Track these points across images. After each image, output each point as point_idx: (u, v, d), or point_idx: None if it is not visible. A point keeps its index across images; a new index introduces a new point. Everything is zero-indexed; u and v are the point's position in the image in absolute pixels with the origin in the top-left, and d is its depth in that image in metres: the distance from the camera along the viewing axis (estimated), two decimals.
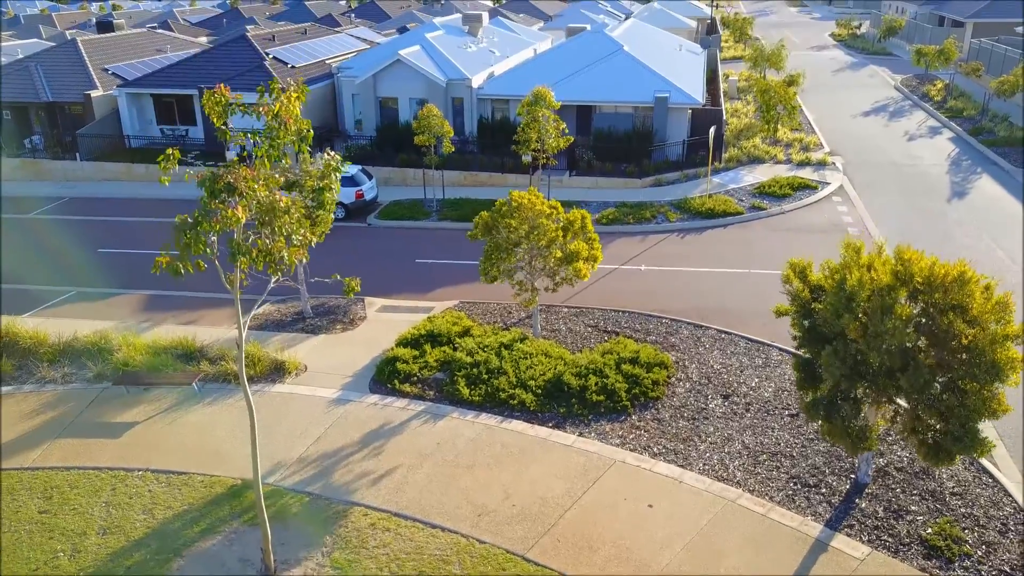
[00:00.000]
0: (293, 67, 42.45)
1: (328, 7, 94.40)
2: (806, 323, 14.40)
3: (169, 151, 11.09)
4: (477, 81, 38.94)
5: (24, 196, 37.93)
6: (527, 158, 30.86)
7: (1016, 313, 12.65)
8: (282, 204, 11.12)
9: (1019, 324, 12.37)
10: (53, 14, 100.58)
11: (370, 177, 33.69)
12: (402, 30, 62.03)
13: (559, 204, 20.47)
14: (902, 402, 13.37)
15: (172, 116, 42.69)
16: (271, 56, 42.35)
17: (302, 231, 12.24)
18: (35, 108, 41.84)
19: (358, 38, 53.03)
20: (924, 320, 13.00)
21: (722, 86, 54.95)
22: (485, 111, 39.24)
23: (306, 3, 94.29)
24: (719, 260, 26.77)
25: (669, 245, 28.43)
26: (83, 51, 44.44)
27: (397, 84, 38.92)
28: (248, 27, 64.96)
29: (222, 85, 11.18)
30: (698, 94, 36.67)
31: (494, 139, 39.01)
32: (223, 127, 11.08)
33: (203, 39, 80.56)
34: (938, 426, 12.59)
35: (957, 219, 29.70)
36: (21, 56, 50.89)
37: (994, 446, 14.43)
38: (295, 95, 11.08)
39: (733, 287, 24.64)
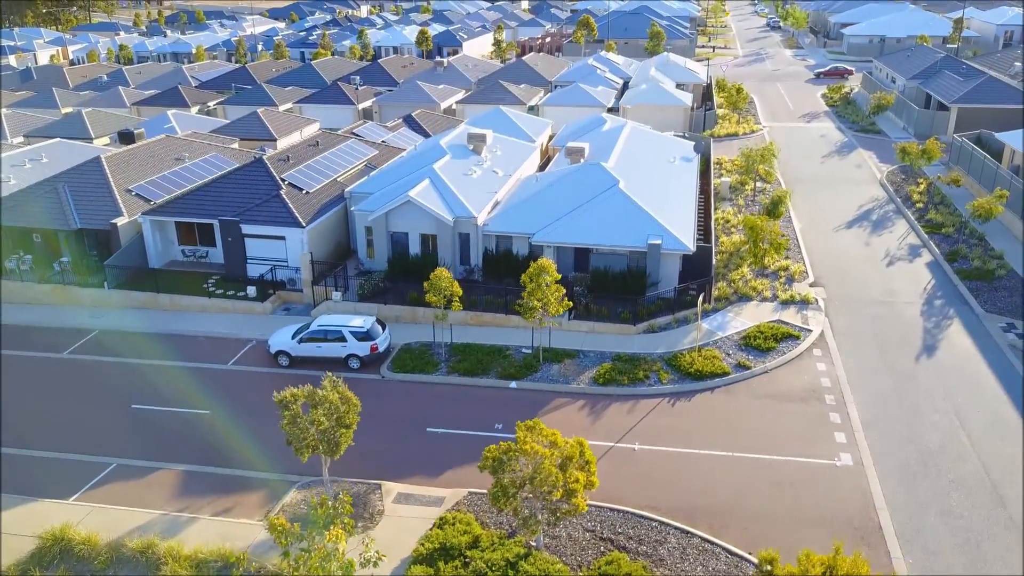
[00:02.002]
0: (307, 192, 44.89)
1: (335, 68, 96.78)
2: None
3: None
4: (482, 217, 41.41)
5: (56, 327, 40.40)
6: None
7: None
8: None
9: None
10: (64, 70, 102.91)
11: (384, 327, 36.16)
12: (408, 120, 64.46)
13: (559, 436, 22.93)
14: None
15: (193, 238, 45.15)
16: (287, 182, 44.76)
17: None
18: (64, 233, 44.23)
19: (367, 142, 55.44)
20: None
21: (714, 182, 57.46)
22: (490, 244, 41.72)
23: (313, 63, 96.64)
24: (706, 439, 29.21)
25: (660, 416, 30.87)
26: (107, 170, 46.83)
27: (408, 221, 41.39)
28: (259, 110, 67.52)
29: (283, 519, 13.58)
30: (689, 239, 39.11)
31: (498, 270, 41.60)
32: (286, 552, 13.45)
33: (213, 104, 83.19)
34: None
35: (926, 387, 32.14)
36: (46, 161, 53.26)
37: None
38: (343, 535, 13.48)
39: (718, 477, 27.08)
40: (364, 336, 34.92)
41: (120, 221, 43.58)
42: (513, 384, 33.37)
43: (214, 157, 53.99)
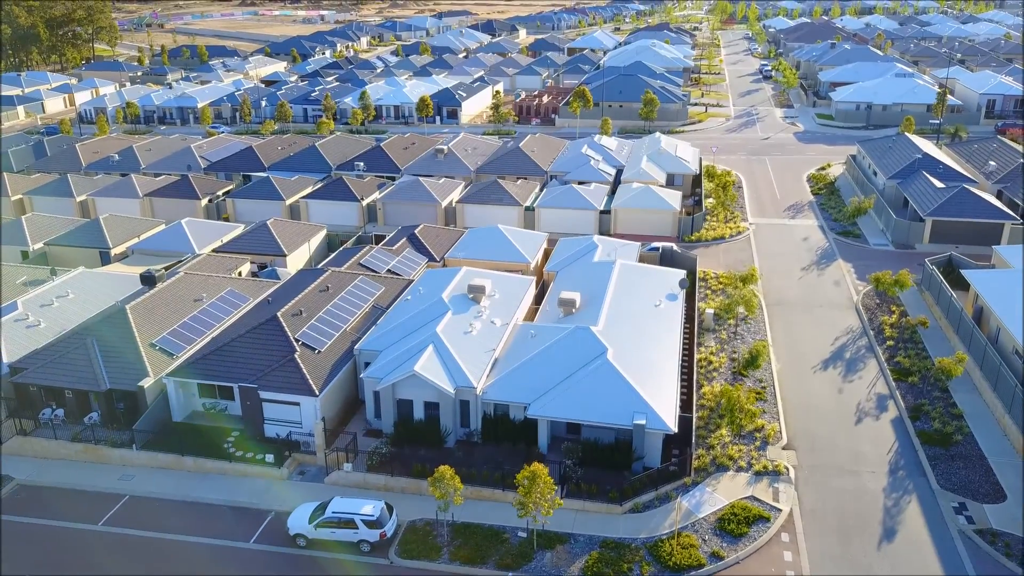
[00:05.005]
0: (319, 352, 48.47)
1: (339, 151, 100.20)
2: None
3: None
4: (481, 386, 44.99)
5: (89, 491, 43.95)
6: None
7: None
8: None
9: None
10: (76, 145, 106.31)
11: (392, 510, 39.78)
12: (411, 238, 67.95)
13: None
14: None
15: (214, 393, 48.65)
16: (300, 342, 48.27)
17: None
18: (95, 393, 47.77)
19: (374, 275, 59.00)
20: None
21: (698, 306, 61.17)
22: (488, 409, 45.33)
23: (316, 144, 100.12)
24: None
25: None
26: (132, 323, 50.46)
27: (413, 391, 45.01)
28: (268, 221, 70.83)
29: None
30: (671, 415, 42.68)
31: (496, 433, 45.27)
32: None
33: (221, 194, 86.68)
34: None
35: None
36: (72, 297, 56.81)
37: None
38: None
39: None
40: (374, 523, 38.51)
41: (146, 383, 47.16)
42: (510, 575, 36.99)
43: (229, 294, 57.60)
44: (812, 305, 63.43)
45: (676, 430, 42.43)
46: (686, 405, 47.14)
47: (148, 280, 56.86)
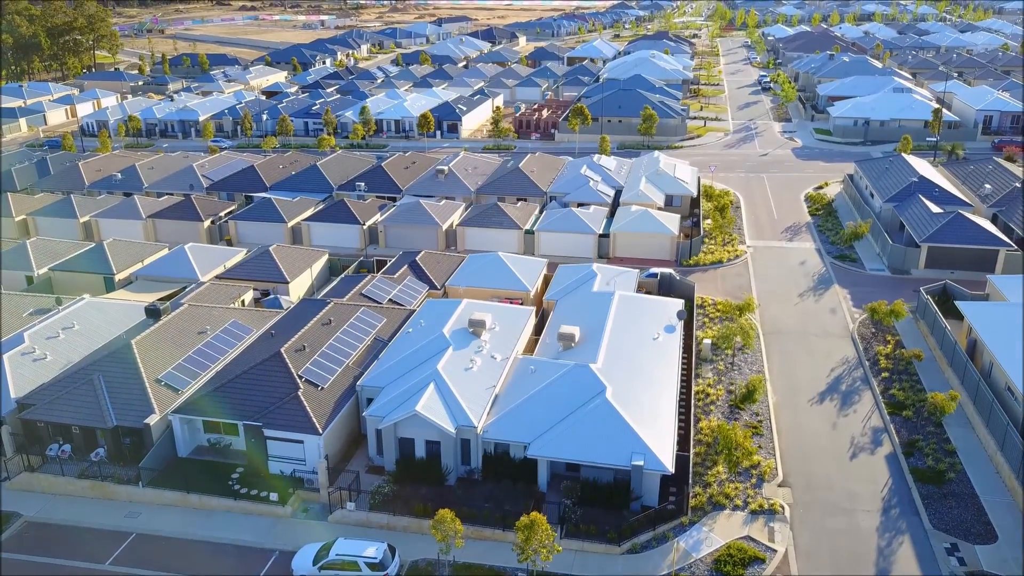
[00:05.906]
0: (322, 388, 49.21)
1: (340, 171, 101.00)
2: None
3: None
4: (481, 425, 45.71)
5: (96, 528, 44.65)
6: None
7: None
8: None
9: None
10: (79, 163, 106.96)
11: (394, 552, 40.54)
12: (412, 265, 68.69)
13: None
14: None
15: (218, 428, 49.38)
16: (304, 379, 49.02)
17: None
18: (101, 429, 48.49)
19: (376, 305, 59.77)
20: None
21: (696, 335, 61.99)
22: (489, 448, 46.05)
23: (318, 164, 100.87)
24: None
25: None
26: (138, 359, 51.17)
27: (414, 429, 45.73)
28: (271, 247, 71.56)
29: None
30: (668, 455, 43.40)
31: (497, 471, 45.97)
32: None
33: (224, 215, 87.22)
34: None
35: None
36: (77, 328, 57.56)
37: None
38: None
39: None
40: (376, 565, 39.27)
41: (152, 420, 47.89)
42: None
43: (233, 325, 58.31)
44: (808, 334, 64.17)
45: (673, 471, 43.13)
46: (684, 440, 47.91)
47: (153, 313, 57.53)
